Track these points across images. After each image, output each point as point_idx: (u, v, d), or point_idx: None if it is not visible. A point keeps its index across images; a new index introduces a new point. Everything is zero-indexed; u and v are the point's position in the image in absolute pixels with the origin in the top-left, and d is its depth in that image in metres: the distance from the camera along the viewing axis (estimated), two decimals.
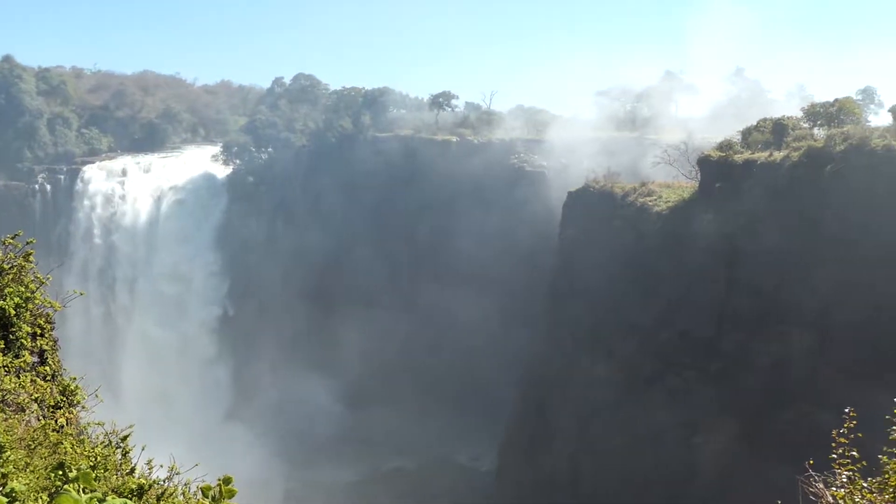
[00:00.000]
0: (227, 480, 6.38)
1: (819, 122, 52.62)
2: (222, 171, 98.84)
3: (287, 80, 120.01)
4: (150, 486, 7.58)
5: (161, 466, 8.18)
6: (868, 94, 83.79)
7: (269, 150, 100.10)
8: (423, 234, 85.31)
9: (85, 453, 8.04)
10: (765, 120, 53.83)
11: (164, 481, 7.80)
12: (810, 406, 40.60)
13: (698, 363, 49.01)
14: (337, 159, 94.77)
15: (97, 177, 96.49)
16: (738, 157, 50.33)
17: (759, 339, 45.80)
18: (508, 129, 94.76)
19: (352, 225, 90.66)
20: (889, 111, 61.05)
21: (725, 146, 52.61)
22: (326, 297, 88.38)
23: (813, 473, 8.11)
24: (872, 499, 7.39)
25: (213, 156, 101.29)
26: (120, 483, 7.64)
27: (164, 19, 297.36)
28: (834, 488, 7.80)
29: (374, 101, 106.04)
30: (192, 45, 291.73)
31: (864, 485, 7.59)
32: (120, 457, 8.47)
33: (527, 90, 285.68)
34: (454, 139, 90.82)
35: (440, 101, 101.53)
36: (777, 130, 51.31)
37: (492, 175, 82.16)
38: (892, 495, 7.19)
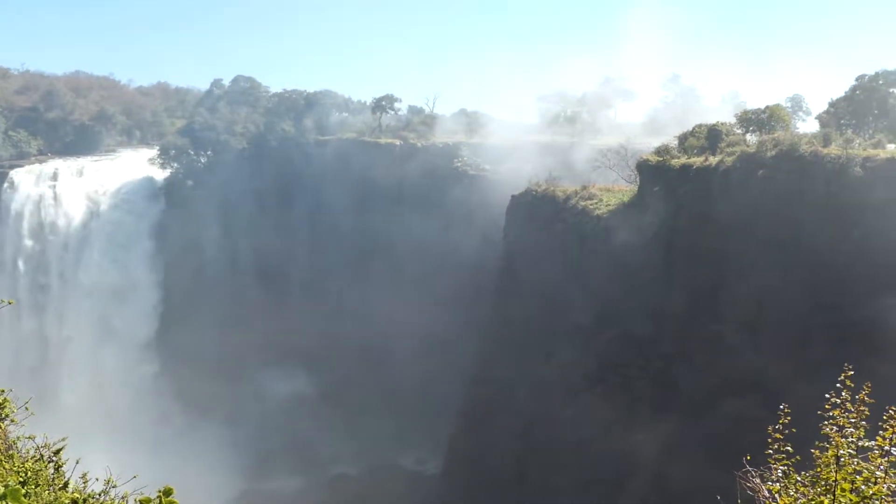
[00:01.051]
0: (167, 492, 6.20)
1: (751, 128, 54.49)
2: (159, 175, 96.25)
3: (226, 82, 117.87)
4: (85, 501, 7.31)
5: (97, 480, 7.89)
6: (796, 101, 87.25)
7: (209, 153, 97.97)
8: (366, 239, 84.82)
9: (14, 469, 7.70)
10: (700, 126, 55.43)
11: (99, 495, 7.53)
12: (746, 402, 41.86)
13: (638, 362, 50.09)
14: (279, 163, 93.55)
15: (26, 181, 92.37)
16: (675, 162, 51.67)
17: (696, 338, 47.06)
18: (451, 132, 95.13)
19: (294, 230, 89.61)
20: (816, 118, 63.77)
21: (663, 151, 53.96)
22: (268, 304, 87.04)
23: (750, 469, 8.36)
24: (806, 492, 7.67)
25: (150, 159, 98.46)
26: (52, 498, 7.35)
27: (96, 18, 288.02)
28: (770, 483, 8.06)
29: (316, 103, 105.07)
30: (125, 45, 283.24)
31: (798, 479, 7.87)
32: (53, 471, 8.14)
33: (469, 94, 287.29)
34: (397, 143, 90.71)
35: (383, 104, 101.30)
36: (712, 136, 52.90)
37: (435, 178, 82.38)
38: (823, 488, 7.48)
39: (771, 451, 8.37)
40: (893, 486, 7.34)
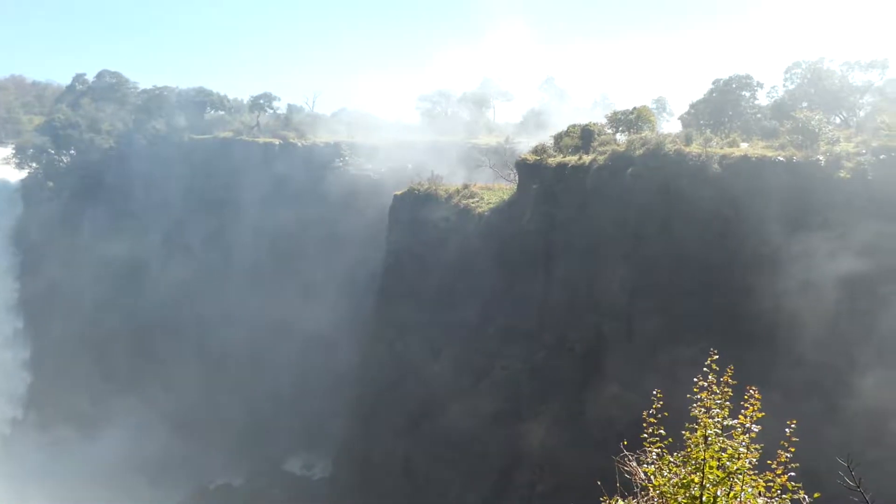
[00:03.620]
0: None
1: (621, 128, 57.21)
2: (15, 176, 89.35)
3: (90, 78, 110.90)
4: None
5: None
6: (661, 103, 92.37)
7: (72, 152, 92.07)
8: (245, 240, 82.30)
9: None
10: (574, 126, 57.60)
11: None
12: (624, 390, 43.95)
13: (522, 355, 51.46)
14: (149, 163, 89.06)
15: None
16: (552, 161, 53.45)
17: (576, 330, 48.91)
18: (333, 131, 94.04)
19: (169, 233, 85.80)
20: (678, 119, 67.81)
21: (540, 150, 55.68)
22: (137, 311, 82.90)
23: (627, 453, 8.83)
24: (678, 471, 8.19)
25: (5, 158, 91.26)
26: None
27: None
28: (645, 465, 8.54)
29: (189, 101, 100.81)
30: None
31: (671, 459, 8.39)
32: None
33: (350, 93, 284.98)
34: (277, 142, 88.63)
35: (261, 102, 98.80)
36: (585, 136, 55.11)
37: (317, 178, 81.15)
38: (694, 467, 8.02)
39: (646, 435, 8.86)
40: (754, 460, 7.99)
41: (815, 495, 7.97)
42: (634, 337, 46.42)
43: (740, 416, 8.30)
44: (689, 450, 8.24)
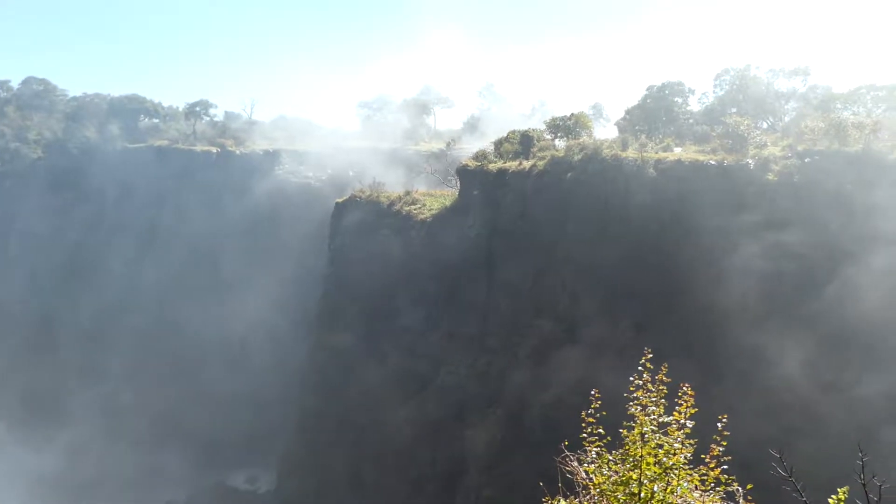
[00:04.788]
0: None
1: (559, 134, 58.19)
2: None
3: (15, 84, 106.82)
4: None
5: None
6: (597, 109, 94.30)
7: None
8: (183, 251, 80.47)
9: None
10: (514, 132, 58.33)
11: None
12: (565, 390, 44.51)
13: (467, 360, 51.67)
14: (81, 173, 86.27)
15: None
16: (493, 167, 53.97)
17: (519, 333, 49.39)
18: (271, 139, 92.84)
19: (107, 243, 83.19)
20: (615, 124, 69.34)
21: (480, 156, 56.17)
22: (69, 322, 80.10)
23: (568, 453, 8.98)
24: (617, 469, 8.39)
25: None
26: None
27: None
28: (586, 464, 8.72)
29: (122, 109, 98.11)
30: None
31: (610, 457, 8.59)
32: None
33: (289, 100, 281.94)
34: (214, 150, 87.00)
35: (197, 109, 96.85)
36: (525, 141, 55.86)
37: (256, 187, 79.95)
38: (632, 464, 8.22)
39: (585, 435, 9.04)
40: (689, 454, 8.24)
41: (748, 486, 8.27)
42: (577, 339, 47.13)
43: (675, 413, 8.56)
44: (627, 447, 8.45)
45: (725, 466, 8.29)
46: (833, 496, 7.14)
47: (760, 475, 8.66)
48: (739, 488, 8.24)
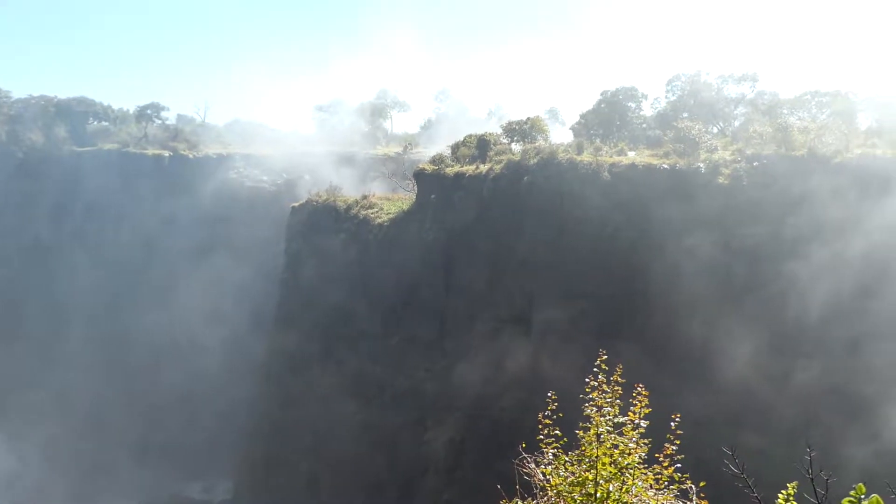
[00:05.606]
0: None
1: (516, 138, 58.64)
2: None
3: None
4: None
5: None
6: (553, 113, 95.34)
7: None
8: (137, 254, 78.67)
9: None
10: (470, 136, 58.57)
11: None
12: (524, 392, 44.79)
13: (425, 364, 51.62)
14: (26, 176, 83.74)
15: None
16: (450, 171, 54.09)
17: (477, 336, 49.53)
18: (226, 143, 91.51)
19: (55, 248, 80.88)
20: (570, 128, 70.16)
21: (437, 160, 56.23)
22: (14, 329, 77.74)
23: (526, 455, 9.03)
24: (573, 470, 8.47)
25: None
26: None
27: None
28: (543, 466, 8.77)
29: (69, 111, 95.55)
30: None
31: (567, 458, 8.66)
32: None
33: (244, 104, 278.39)
34: (167, 154, 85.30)
35: (148, 112, 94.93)
36: (481, 145, 56.13)
37: (211, 191, 78.66)
38: (588, 465, 8.31)
39: (542, 437, 9.10)
40: (643, 454, 8.36)
41: (701, 484, 8.42)
42: (535, 340, 47.46)
43: (629, 413, 8.68)
44: (583, 448, 8.53)
45: (679, 465, 8.43)
46: (783, 492, 7.30)
47: (714, 472, 8.82)
48: (693, 486, 8.38)
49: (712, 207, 42.11)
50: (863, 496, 4.81)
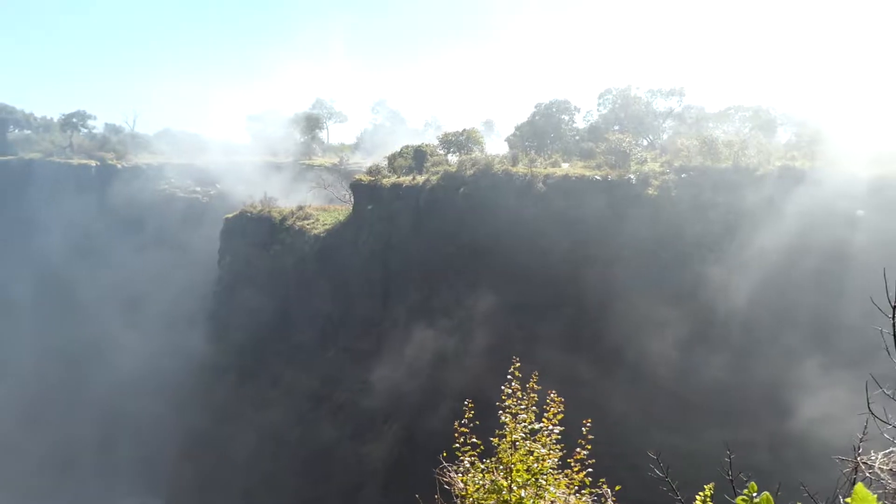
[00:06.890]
0: None
1: (452, 149, 59.03)
2: None
3: None
4: None
5: None
6: (489, 125, 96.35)
7: None
8: (62, 269, 75.81)
9: None
10: (407, 147, 58.68)
11: None
12: (460, 402, 44.79)
13: (363, 376, 51.18)
14: None
15: None
16: (386, 181, 54.02)
17: (415, 348, 49.43)
18: (156, 152, 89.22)
19: None
20: (505, 140, 70.99)
21: (374, 171, 56.12)
22: None
23: (446, 464, 9.06)
24: (490, 477, 8.54)
25: None
26: None
27: None
28: (461, 474, 8.82)
29: None
30: None
31: (483, 466, 8.73)
32: None
33: (175, 113, 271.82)
34: (93, 163, 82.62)
35: (74, 121, 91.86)
36: (418, 156, 56.30)
37: (140, 202, 76.51)
38: (504, 472, 8.39)
39: (458, 445, 9.15)
40: (556, 459, 8.50)
41: (616, 488, 8.59)
42: (472, 350, 47.65)
43: (544, 419, 8.81)
44: (499, 455, 8.62)
45: (590, 469, 8.60)
46: (700, 494, 7.53)
47: (643, 473, 9.00)
48: (608, 489, 8.55)
49: (642, 217, 43.21)
50: (755, 494, 5.00)
